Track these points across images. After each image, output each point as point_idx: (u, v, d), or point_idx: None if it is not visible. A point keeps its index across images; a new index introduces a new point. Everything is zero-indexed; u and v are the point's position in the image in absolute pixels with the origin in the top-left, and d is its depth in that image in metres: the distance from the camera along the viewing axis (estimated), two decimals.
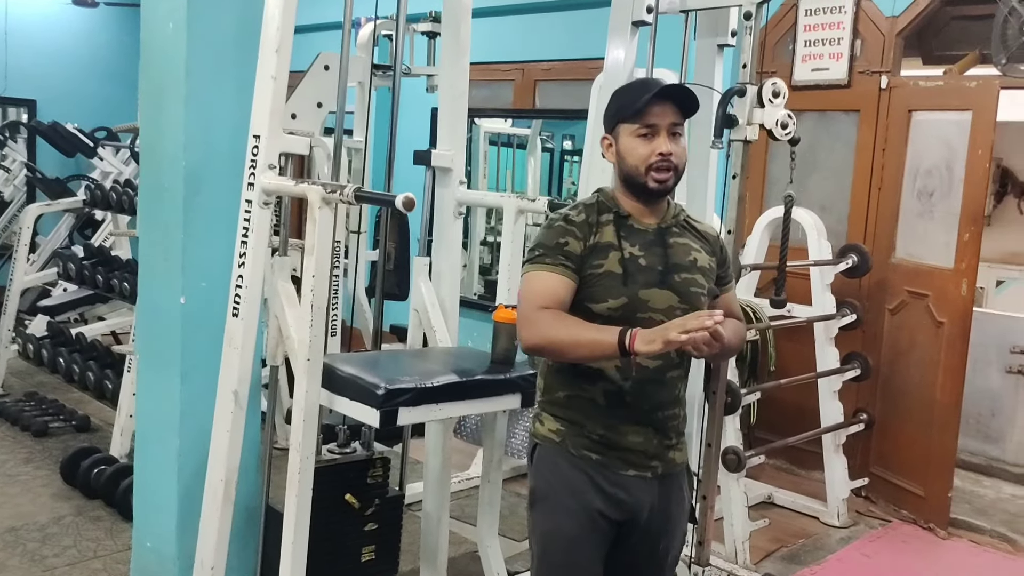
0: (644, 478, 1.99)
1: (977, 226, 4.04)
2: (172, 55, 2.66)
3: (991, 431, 5.10)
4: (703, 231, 2.09)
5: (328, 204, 2.27)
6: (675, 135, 1.96)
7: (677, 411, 2.03)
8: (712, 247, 2.08)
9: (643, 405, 1.96)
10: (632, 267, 1.94)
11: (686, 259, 2.00)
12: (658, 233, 1.99)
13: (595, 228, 1.97)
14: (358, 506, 2.77)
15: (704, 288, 2.01)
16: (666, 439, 2.01)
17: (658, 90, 1.93)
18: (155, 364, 2.82)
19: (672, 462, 2.04)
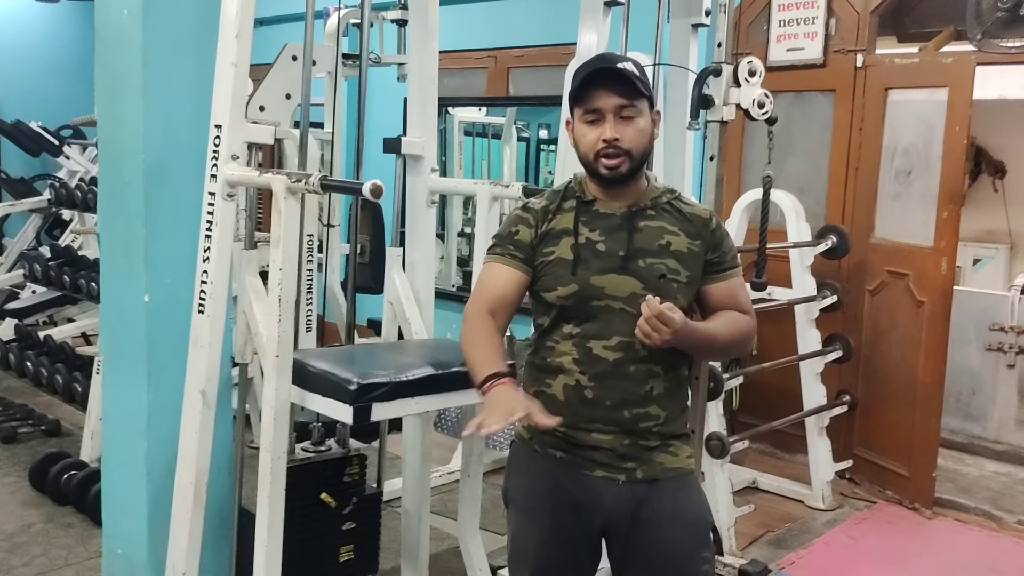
0: (615, 480, 1.85)
1: (956, 204, 4.02)
2: (128, 44, 2.56)
3: (972, 409, 5.11)
4: (690, 213, 1.92)
5: (294, 194, 2.19)
6: (625, 118, 1.83)
7: (650, 410, 1.85)
8: (698, 230, 1.89)
9: (604, 401, 1.84)
10: (585, 253, 1.86)
11: (655, 243, 1.86)
12: (627, 217, 1.88)
13: (552, 215, 1.92)
14: (334, 505, 2.70)
15: (679, 274, 1.85)
16: (642, 439, 1.85)
17: (592, 73, 1.83)
18: (121, 365, 2.73)
19: (659, 465, 1.87)
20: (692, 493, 1.94)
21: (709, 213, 1.96)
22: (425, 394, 2.33)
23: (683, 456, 1.92)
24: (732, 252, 1.95)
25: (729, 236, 1.97)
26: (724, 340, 1.90)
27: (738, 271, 1.95)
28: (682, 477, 1.91)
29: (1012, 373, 4.95)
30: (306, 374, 2.34)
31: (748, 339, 1.97)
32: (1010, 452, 4.93)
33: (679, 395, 1.94)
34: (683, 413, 1.95)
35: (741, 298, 1.95)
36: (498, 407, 1.69)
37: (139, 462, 2.68)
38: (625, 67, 1.84)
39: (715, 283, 1.92)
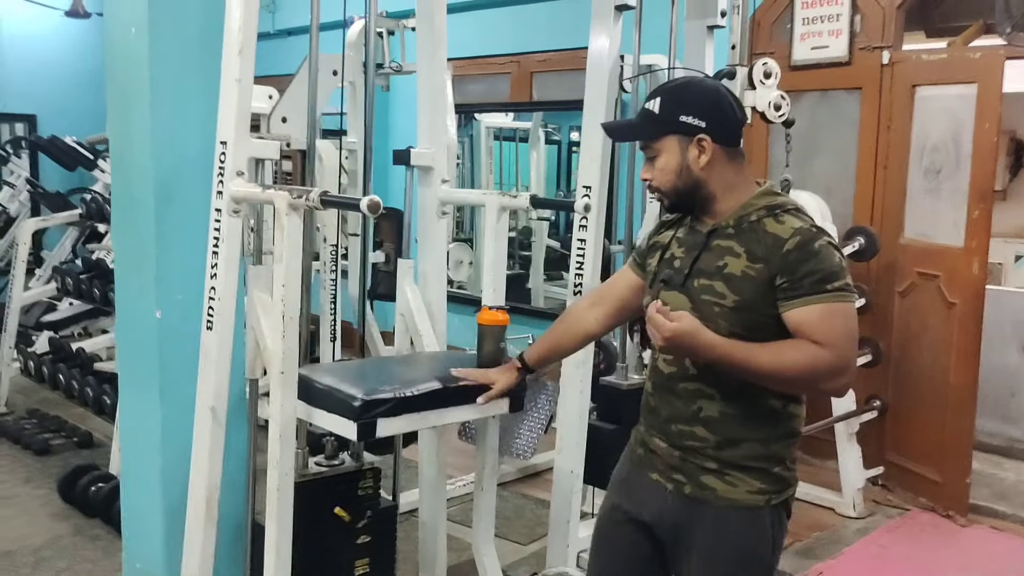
0: (664, 487, 1.91)
1: (987, 203, 3.91)
2: (136, 61, 2.57)
3: (1010, 411, 4.96)
4: (767, 231, 1.78)
5: (295, 210, 2.19)
6: (649, 159, 1.92)
7: (696, 430, 1.84)
8: (766, 252, 1.76)
9: (660, 412, 1.93)
10: (664, 268, 1.94)
11: (714, 264, 1.82)
12: (707, 235, 1.87)
13: (665, 228, 2.03)
14: (348, 519, 2.69)
15: (725, 298, 1.78)
16: (690, 456, 1.86)
17: (606, 126, 2.16)
18: (135, 381, 2.75)
19: (710, 490, 1.84)
20: (745, 530, 1.84)
21: (792, 233, 1.75)
22: (431, 409, 2.31)
23: (743, 489, 1.82)
24: (818, 276, 1.72)
25: (821, 256, 1.73)
26: (768, 367, 1.72)
27: (825, 297, 1.71)
28: (737, 511, 1.83)
29: None
30: (312, 390, 2.33)
31: (817, 373, 1.72)
32: None
33: (750, 424, 1.82)
34: (761, 445, 1.83)
35: (824, 326, 1.71)
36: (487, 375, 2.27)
37: (155, 477, 2.70)
38: (649, 106, 1.88)
39: (788, 310, 1.74)
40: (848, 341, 1.74)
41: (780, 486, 1.86)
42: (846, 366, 1.74)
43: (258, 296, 2.46)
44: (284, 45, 7.21)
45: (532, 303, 6.59)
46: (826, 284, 1.72)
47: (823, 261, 1.73)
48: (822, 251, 1.74)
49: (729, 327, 1.76)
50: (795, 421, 1.87)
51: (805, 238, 1.74)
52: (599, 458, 3.28)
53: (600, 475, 3.35)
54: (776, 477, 1.85)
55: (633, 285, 2.07)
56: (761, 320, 1.76)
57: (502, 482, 4.22)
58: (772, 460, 1.84)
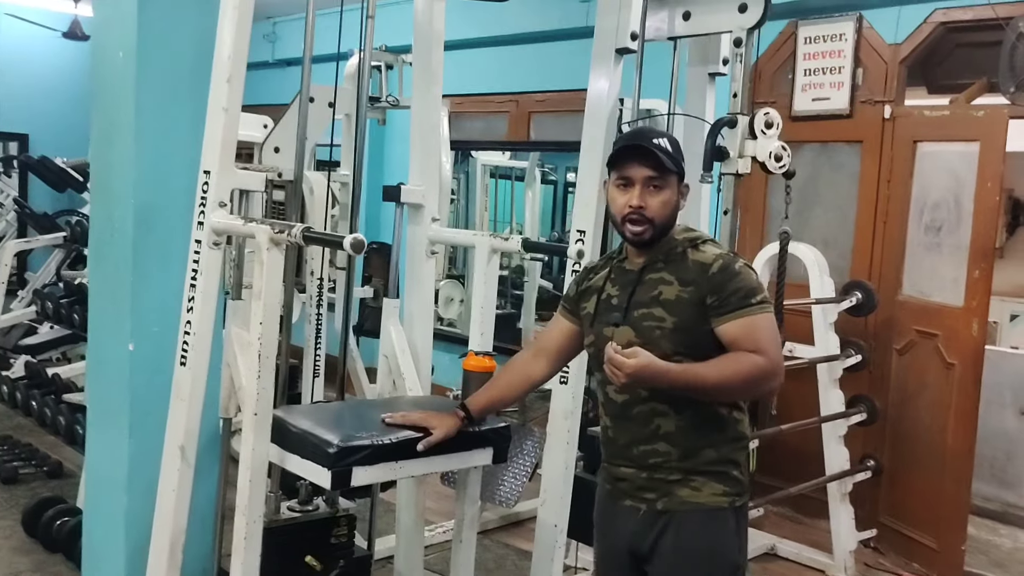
0: (638, 510, 2.01)
1: (988, 262, 3.84)
2: (122, 86, 2.51)
3: (1007, 476, 4.86)
4: (693, 260, 1.99)
5: (277, 245, 2.10)
6: (654, 188, 1.99)
7: (658, 447, 1.98)
8: (694, 276, 1.96)
9: (619, 440, 2.04)
10: (603, 307, 2.07)
11: (649, 294, 2.00)
12: (640, 271, 2.04)
13: (593, 274, 2.16)
14: (320, 568, 2.57)
15: (664, 321, 1.95)
16: (658, 473, 1.98)
17: (624, 146, 2.03)
18: (104, 414, 2.65)
19: (678, 499, 1.97)
20: (711, 529, 1.98)
21: (715, 258, 1.97)
22: (410, 458, 2.20)
23: (707, 492, 1.97)
24: (742, 292, 1.93)
25: (742, 276, 1.94)
26: (717, 380, 1.90)
27: (751, 310, 1.92)
28: (702, 513, 1.97)
29: None
30: (287, 433, 2.23)
31: (758, 378, 1.91)
32: None
33: (704, 432, 1.97)
34: (714, 451, 1.98)
35: (755, 336, 1.91)
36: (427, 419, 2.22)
37: (119, 517, 2.59)
38: (660, 143, 2.00)
39: (720, 325, 1.93)
40: (777, 346, 1.96)
41: (739, 488, 2.01)
42: (779, 368, 1.95)
43: (236, 332, 2.37)
44: (282, 75, 7.19)
45: (522, 343, 6.49)
46: (750, 299, 1.93)
47: (744, 280, 1.95)
48: (742, 271, 1.96)
49: (672, 347, 1.93)
50: (741, 425, 2.04)
51: (726, 261, 1.97)
52: (585, 511, 3.16)
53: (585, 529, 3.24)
54: (735, 480, 2.00)
55: (568, 332, 2.20)
56: (697, 337, 1.94)
57: (484, 530, 4.09)
58: (728, 463, 2.00)
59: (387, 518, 3.86)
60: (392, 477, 2.26)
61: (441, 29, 2.77)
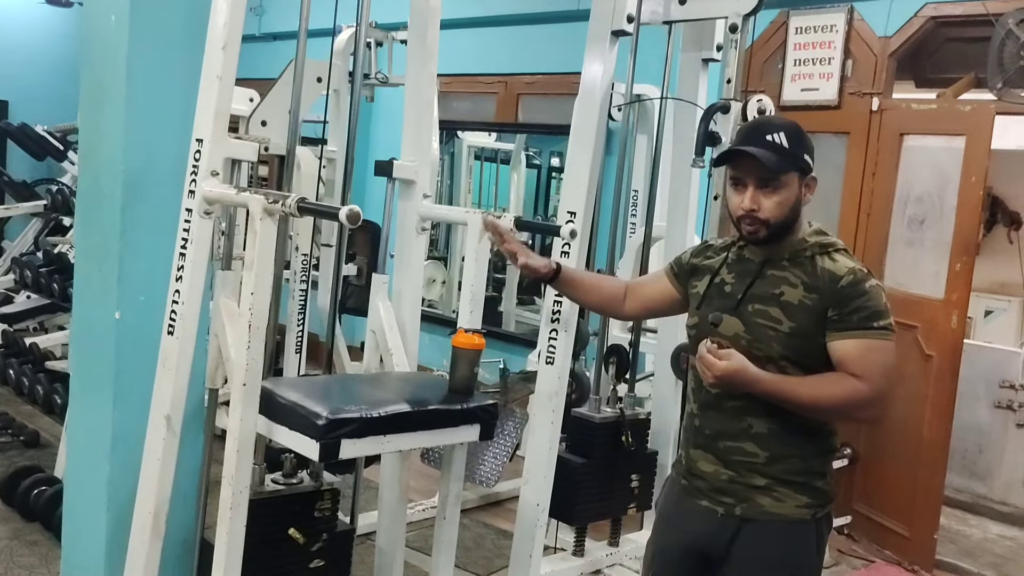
0: (715, 512, 1.97)
1: (969, 256, 3.89)
2: (113, 51, 2.47)
3: (978, 468, 4.94)
4: (823, 268, 1.90)
5: (270, 215, 2.09)
6: (767, 188, 1.89)
7: (745, 446, 1.93)
8: (822, 284, 1.88)
9: (706, 429, 1.99)
10: (713, 292, 2.02)
11: (770, 291, 1.92)
12: (761, 264, 1.97)
13: (712, 252, 2.10)
14: (303, 541, 2.57)
15: (781, 323, 1.88)
16: (738, 476, 1.94)
17: (739, 145, 1.93)
18: (88, 383, 2.62)
19: (759, 507, 1.93)
20: (791, 541, 1.94)
21: (848, 271, 1.88)
22: (398, 432, 2.21)
23: (790, 504, 1.92)
24: (866, 312, 1.85)
25: (870, 295, 1.86)
26: (809, 399, 1.86)
27: (870, 333, 1.85)
28: (784, 524, 1.92)
29: (1021, 432, 4.80)
30: (274, 404, 2.22)
31: (853, 405, 1.86)
32: (1016, 514, 4.76)
33: (793, 440, 1.92)
34: (801, 460, 1.93)
35: (865, 360, 1.84)
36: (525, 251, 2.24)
37: (101, 487, 2.56)
38: (774, 139, 1.90)
39: (833, 340, 1.86)
40: (885, 376, 1.87)
41: (823, 499, 1.96)
42: (881, 398, 1.88)
43: (225, 303, 2.35)
44: (269, 49, 7.11)
45: (503, 327, 6.50)
46: (872, 321, 1.85)
47: (872, 299, 1.87)
48: (872, 291, 1.88)
49: (781, 350, 1.88)
50: (833, 438, 2.00)
51: (858, 277, 1.88)
52: (567, 492, 3.19)
53: (567, 509, 3.27)
54: (819, 491, 1.95)
55: (666, 293, 2.17)
56: (809, 347, 1.88)
57: (462, 509, 4.08)
58: (814, 475, 1.94)
59: (368, 495, 3.86)
60: (380, 451, 2.27)
61: (437, 5, 2.75)
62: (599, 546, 3.49)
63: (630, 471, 3.35)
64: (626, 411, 3.31)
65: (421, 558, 3.56)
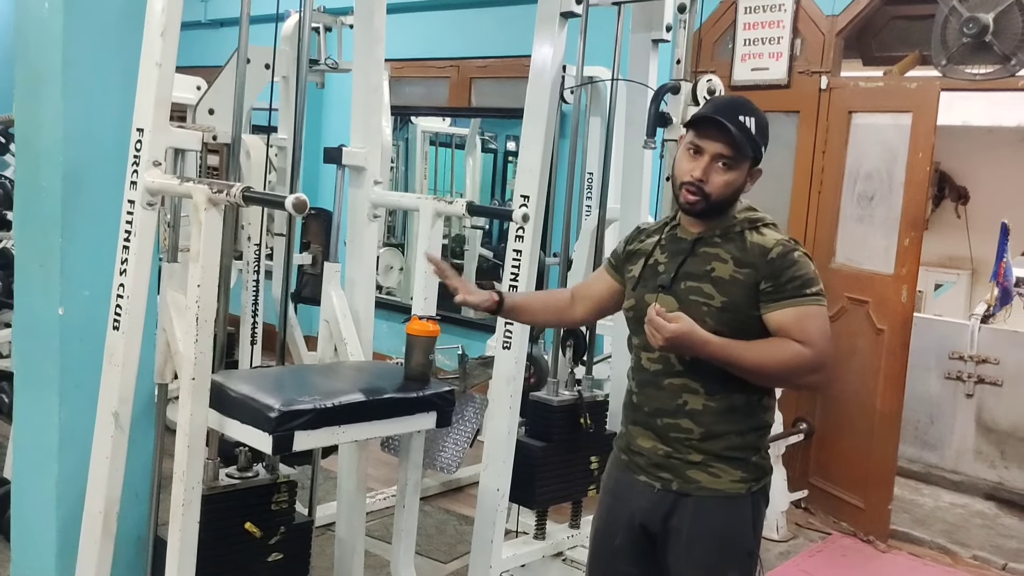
0: (652, 487, 2.01)
1: (917, 231, 3.95)
2: (49, 39, 2.39)
3: (930, 438, 5.05)
4: (753, 242, 1.95)
5: (215, 205, 2.05)
6: (723, 165, 1.93)
7: (681, 423, 1.96)
8: (752, 259, 1.92)
9: (644, 407, 2.02)
10: (648, 273, 2.06)
11: (702, 268, 1.96)
12: (692, 242, 2.01)
13: (644, 236, 2.15)
14: (260, 535, 2.54)
15: (713, 299, 1.92)
16: (676, 452, 1.97)
17: (715, 117, 1.93)
18: (33, 381, 2.55)
19: (695, 483, 1.96)
20: (727, 515, 1.97)
21: (775, 243, 1.93)
22: (353, 422, 2.19)
23: (726, 479, 1.96)
24: (799, 281, 1.90)
25: (800, 264, 1.91)
26: (755, 362, 1.88)
27: (805, 300, 1.89)
28: (720, 499, 1.96)
29: (970, 403, 4.91)
30: (226, 398, 2.19)
31: (799, 369, 1.89)
32: (966, 483, 4.87)
33: (730, 417, 1.95)
34: (738, 436, 1.96)
35: (804, 326, 1.88)
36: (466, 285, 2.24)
37: (50, 486, 2.50)
38: (746, 122, 1.93)
39: (771, 312, 1.90)
40: (825, 339, 1.90)
41: (759, 474, 2.00)
42: (824, 362, 1.91)
43: (172, 296, 2.30)
44: (216, 36, 6.99)
45: (462, 313, 6.48)
46: (805, 288, 1.90)
47: (802, 268, 1.91)
48: (801, 260, 1.92)
49: (715, 325, 1.90)
50: (768, 413, 2.03)
51: (787, 248, 1.93)
52: (527, 476, 3.19)
53: (528, 493, 3.27)
54: (755, 466, 1.99)
55: (609, 287, 2.20)
56: (743, 321, 1.91)
57: (424, 496, 4.09)
58: (750, 450, 1.98)
59: (327, 485, 3.83)
60: (335, 441, 2.23)
61: None
62: (560, 529, 3.50)
63: (589, 453, 3.36)
64: (584, 393, 3.31)
65: (382, 547, 3.55)
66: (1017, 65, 3.88)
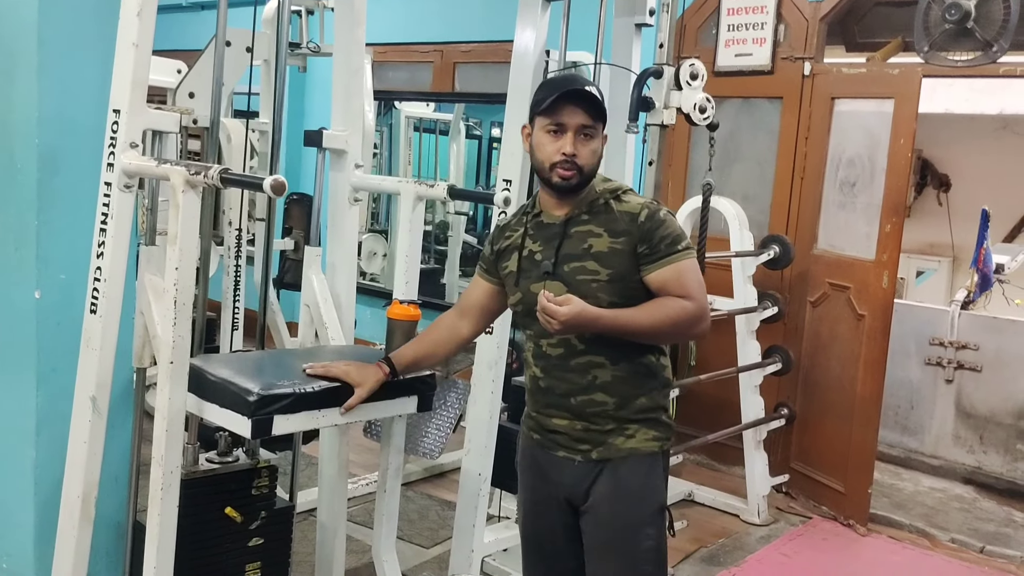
0: (572, 460, 2.05)
1: (899, 217, 3.97)
2: (23, 19, 2.36)
3: (910, 423, 5.09)
4: (619, 211, 2.01)
5: (193, 187, 2.02)
6: (585, 136, 1.98)
7: (595, 397, 2.01)
8: (624, 227, 1.99)
9: (555, 390, 2.05)
10: (526, 264, 2.07)
11: (579, 247, 2.00)
12: (563, 224, 2.04)
13: (510, 232, 2.14)
14: (240, 520, 2.53)
15: (599, 273, 1.97)
16: (593, 424, 2.02)
17: (565, 92, 1.98)
18: (8, 366, 2.53)
19: (613, 447, 2.02)
20: (643, 472, 2.04)
21: (640, 207, 2.01)
22: (333, 406, 2.18)
23: (640, 438, 2.03)
24: (669, 239, 1.97)
25: (668, 223, 1.99)
26: (648, 324, 1.95)
27: (678, 256, 1.97)
28: (636, 457, 2.03)
29: (950, 388, 4.94)
30: (204, 382, 2.17)
31: (686, 322, 1.97)
32: (945, 467, 4.92)
33: (637, 381, 2.02)
34: (647, 398, 2.03)
35: (683, 281, 1.97)
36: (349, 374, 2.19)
37: (27, 471, 2.49)
38: (592, 91, 1.99)
39: (650, 272, 1.97)
40: (702, 291, 2.00)
41: (668, 432, 2.09)
42: (706, 312, 2.00)
43: (150, 279, 2.29)
44: (196, 19, 6.92)
45: (447, 299, 6.47)
46: (676, 245, 1.98)
47: (670, 227, 1.99)
48: (667, 218, 2.01)
49: (607, 297, 1.96)
50: (666, 371, 2.11)
51: (652, 210, 2.01)
52: (508, 461, 3.19)
53: (509, 478, 3.27)
54: (665, 425, 2.08)
55: (490, 292, 2.20)
56: (631, 286, 1.98)
57: (407, 481, 4.10)
58: (659, 409, 2.06)
59: (309, 471, 3.83)
60: (314, 426, 2.22)
61: None
62: None
63: None
64: None
65: (365, 532, 3.55)
66: (998, 51, 3.90)
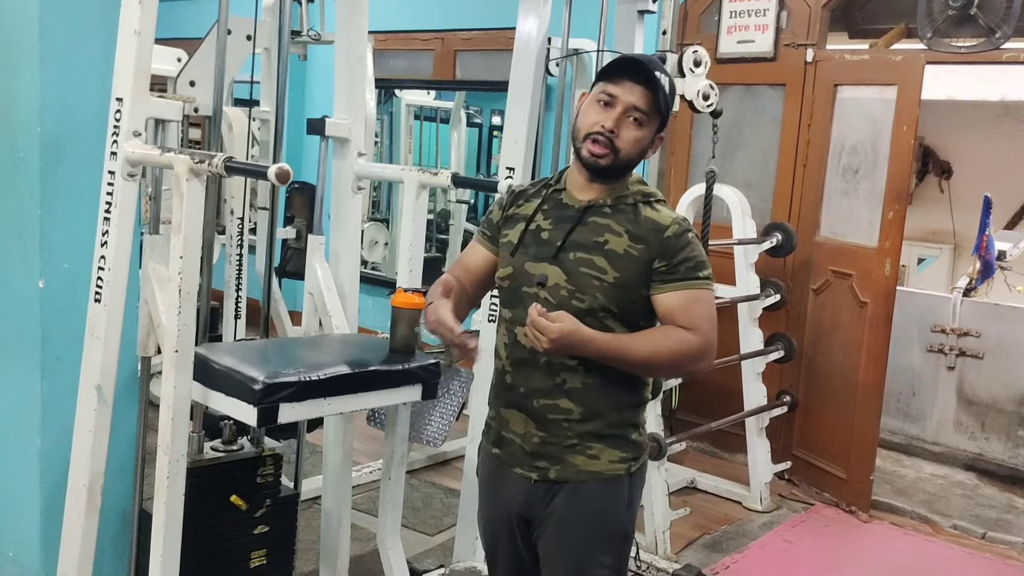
0: (528, 479, 1.90)
1: (901, 205, 3.96)
2: (25, 7, 2.34)
3: (911, 410, 5.09)
4: (647, 217, 1.85)
5: (197, 176, 2.02)
6: (635, 121, 1.82)
7: (559, 403, 1.84)
8: (647, 235, 1.83)
9: (519, 387, 1.89)
10: (529, 239, 1.90)
11: (593, 239, 1.84)
12: (581, 211, 1.88)
13: (523, 200, 1.97)
14: (245, 508, 2.54)
15: (606, 273, 1.81)
16: (552, 437, 1.86)
17: (631, 65, 1.83)
18: (12, 355, 2.53)
19: (572, 467, 1.86)
20: (604, 497, 1.88)
21: (671, 221, 1.85)
22: (338, 394, 2.19)
23: (604, 460, 1.87)
24: (692, 263, 1.82)
25: (694, 246, 1.84)
26: (644, 355, 1.80)
27: (696, 284, 1.82)
28: (597, 482, 1.87)
29: (952, 375, 4.95)
30: (210, 370, 2.18)
31: (686, 357, 1.81)
32: (947, 454, 4.93)
33: (609, 392, 1.86)
34: (617, 413, 1.88)
35: (692, 311, 1.80)
36: None
37: (32, 461, 2.49)
38: (661, 79, 1.83)
39: (661, 292, 1.82)
40: (711, 325, 1.83)
41: (637, 452, 1.91)
42: (711, 349, 1.83)
43: (154, 268, 2.28)
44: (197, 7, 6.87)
45: None
46: (697, 272, 1.83)
47: (695, 250, 1.84)
48: (694, 241, 1.86)
49: (605, 302, 1.81)
50: (646, 388, 1.94)
51: (682, 228, 1.85)
52: None
53: None
54: (634, 444, 1.91)
55: (487, 259, 2.01)
56: (632, 298, 1.83)
57: (410, 469, 4.11)
58: (629, 427, 1.90)
59: (313, 459, 3.84)
60: (320, 414, 2.23)
61: None
62: None
63: None
64: None
65: (369, 520, 3.56)
66: (1001, 38, 3.89)
